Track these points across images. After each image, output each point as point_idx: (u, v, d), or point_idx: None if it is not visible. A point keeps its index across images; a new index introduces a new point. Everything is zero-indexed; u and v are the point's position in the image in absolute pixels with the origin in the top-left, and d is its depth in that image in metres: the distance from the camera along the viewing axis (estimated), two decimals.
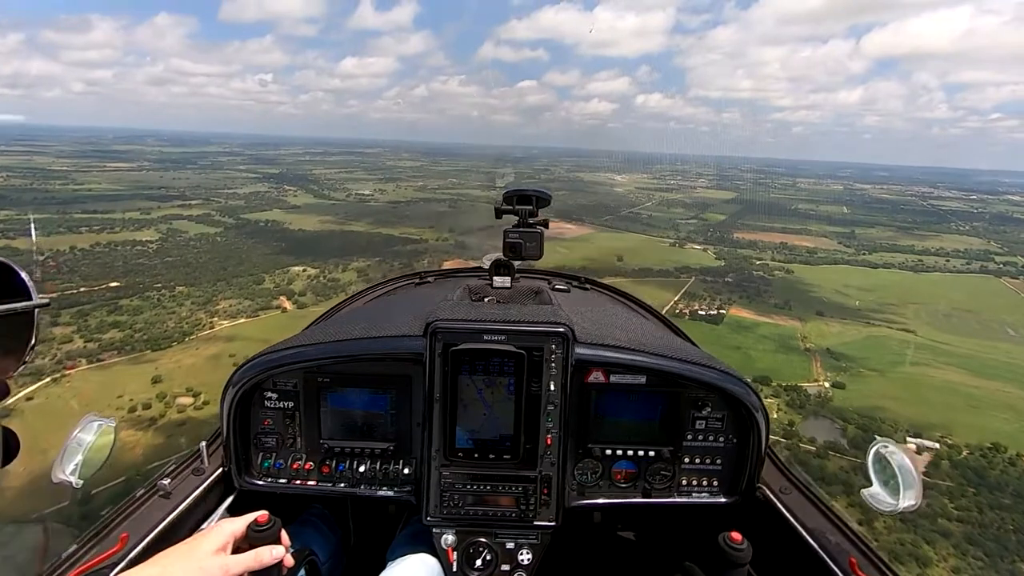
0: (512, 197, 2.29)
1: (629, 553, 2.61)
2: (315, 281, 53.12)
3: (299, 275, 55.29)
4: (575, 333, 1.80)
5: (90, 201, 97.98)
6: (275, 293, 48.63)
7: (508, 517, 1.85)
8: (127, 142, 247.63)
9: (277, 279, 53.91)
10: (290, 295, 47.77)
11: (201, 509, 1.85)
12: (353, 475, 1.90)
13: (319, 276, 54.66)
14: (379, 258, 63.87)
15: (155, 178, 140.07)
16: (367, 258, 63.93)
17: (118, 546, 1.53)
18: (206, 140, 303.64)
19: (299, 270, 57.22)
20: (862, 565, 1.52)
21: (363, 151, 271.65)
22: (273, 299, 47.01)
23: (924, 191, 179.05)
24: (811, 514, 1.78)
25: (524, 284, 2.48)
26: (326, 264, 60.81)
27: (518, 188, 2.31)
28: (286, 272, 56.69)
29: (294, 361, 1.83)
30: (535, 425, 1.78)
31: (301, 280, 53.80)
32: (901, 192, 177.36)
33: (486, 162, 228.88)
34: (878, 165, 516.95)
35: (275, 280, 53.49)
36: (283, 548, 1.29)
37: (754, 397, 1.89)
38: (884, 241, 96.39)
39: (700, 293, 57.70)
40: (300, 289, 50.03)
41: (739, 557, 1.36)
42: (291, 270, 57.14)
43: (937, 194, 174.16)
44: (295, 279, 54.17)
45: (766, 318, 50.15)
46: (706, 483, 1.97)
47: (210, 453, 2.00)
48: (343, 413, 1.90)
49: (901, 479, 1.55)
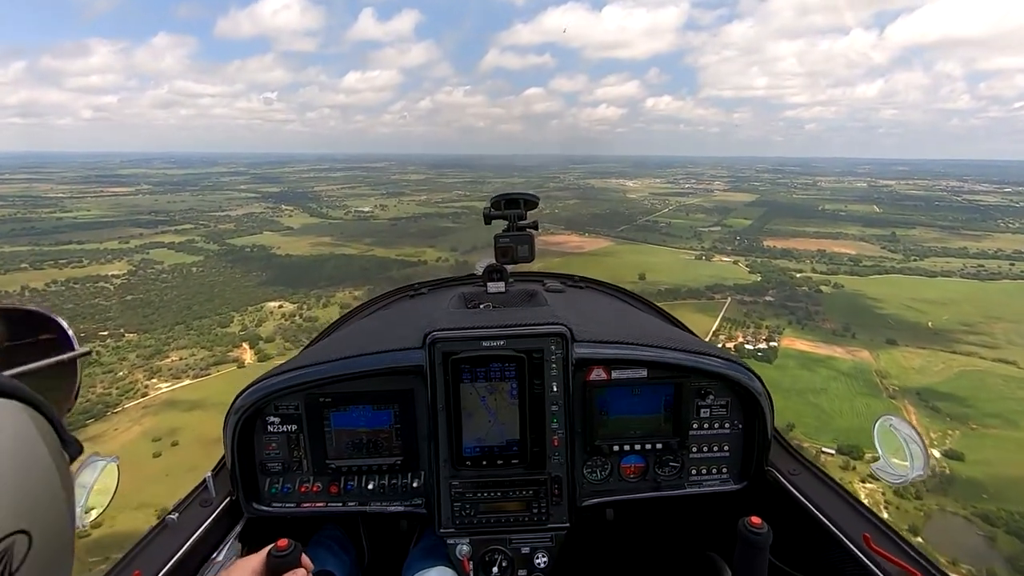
0: (500, 202, 2.28)
1: (646, 548, 2.54)
2: (289, 321, 46.03)
3: (272, 313, 48.36)
4: (573, 332, 1.80)
5: (71, 230, 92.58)
6: (239, 339, 41.43)
7: (521, 521, 1.84)
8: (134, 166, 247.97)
9: (247, 319, 46.97)
10: (254, 341, 40.47)
11: (211, 540, 1.82)
12: (363, 492, 1.89)
13: (295, 314, 47.61)
14: (369, 286, 56.45)
15: (150, 202, 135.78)
16: (355, 286, 56.70)
17: None
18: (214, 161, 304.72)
19: (275, 306, 50.28)
20: (877, 540, 1.53)
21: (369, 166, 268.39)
22: (234, 347, 39.76)
23: (953, 185, 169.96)
24: (822, 493, 1.77)
25: (519, 287, 2.47)
26: (307, 296, 53.84)
27: (505, 192, 2.29)
28: (259, 309, 49.81)
29: (294, 384, 1.82)
30: (540, 427, 1.79)
31: (274, 320, 46.88)
32: (929, 187, 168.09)
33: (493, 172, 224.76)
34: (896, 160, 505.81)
35: (244, 320, 46.57)
36: (304, 572, 1.28)
37: (757, 383, 1.87)
38: (932, 244, 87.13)
39: (740, 318, 49.43)
40: (269, 333, 42.93)
41: (760, 541, 1.36)
42: (265, 307, 50.21)
43: (968, 188, 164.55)
44: (267, 318, 47.26)
45: (827, 349, 41.77)
46: (715, 471, 1.95)
47: (216, 483, 1.93)
48: (347, 432, 1.87)
49: (909, 450, 1.58)
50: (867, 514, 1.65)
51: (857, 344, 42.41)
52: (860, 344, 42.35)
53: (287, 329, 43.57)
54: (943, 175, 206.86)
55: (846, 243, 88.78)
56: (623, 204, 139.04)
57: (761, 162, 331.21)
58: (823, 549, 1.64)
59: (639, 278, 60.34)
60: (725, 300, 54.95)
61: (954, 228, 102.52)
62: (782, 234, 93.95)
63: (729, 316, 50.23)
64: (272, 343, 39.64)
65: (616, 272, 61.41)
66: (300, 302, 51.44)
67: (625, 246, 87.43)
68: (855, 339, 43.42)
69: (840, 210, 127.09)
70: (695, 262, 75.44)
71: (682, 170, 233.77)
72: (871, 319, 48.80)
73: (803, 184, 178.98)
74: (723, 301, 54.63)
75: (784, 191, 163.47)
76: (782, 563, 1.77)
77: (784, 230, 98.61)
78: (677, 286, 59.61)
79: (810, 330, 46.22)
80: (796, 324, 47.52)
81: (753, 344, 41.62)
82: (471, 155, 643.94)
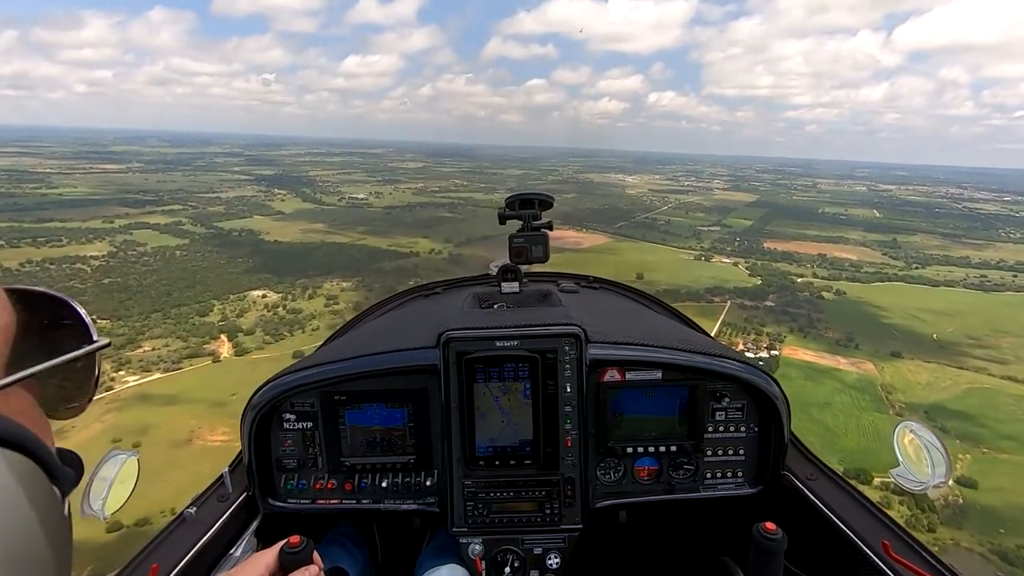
0: (515, 202, 2.28)
1: (659, 551, 2.53)
2: (272, 312, 43.94)
3: (256, 303, 46.24)
4: (587, 333, 1.80)
5: (55, 208, 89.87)
6: (218, 329, 39.40)
7: (534, 522, 1.84)
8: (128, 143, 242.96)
9: (229, 308, 44.85)
10: (233, 334, 38.43)
11: (228, 535, 1.84)
12: (376, 490, 1.91)
13: (279, 305, 45.54)
14: (358, 278, 54.54)
15: (140, 181, 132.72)
16: (344, 276, 54.72)
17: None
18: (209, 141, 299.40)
19: (258, 295, 48.15)
20: (896, 548, 1.50)
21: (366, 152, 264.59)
22: (211, 339, 37.75)
23: (952, 192, 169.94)
24: (840, 499, 1.74)
25: (533, 288, 2.46)
26: (293, 286, 51.71)
27: (520, 192, 2.29)
28: (242, 298, 47.66)
29: (310, 381, 1.84)
30: (554, 428, 1.80)
31: (256, 310, 44.73)
32: (928, 193, 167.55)
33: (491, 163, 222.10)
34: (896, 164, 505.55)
35: (225, 310, 44.45)
36: (316, 569, 1.30)
37: (775, 387, 1.85)
38: (934, 252, 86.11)
39: (740, 324, 47.90)
40: (250, 325, 40.83)
41: (774, 547, 1.36)
42: (249, 295, 48.08)
43: (968, 195, 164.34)
44: (249, 308, 45.11)
45: (830, 359, 40.32)
46: (730, 475, 1.94)
47: (233, 478, 1.95)
48: (362, 429, 1.90)
49: (930, 456, 1.57)
50: (887, 521, 1.61)
51: (861, 355, 41.03)
52: (864, 355, 40.98)
53: (268, 321, 41.56)
54: (942, 181, 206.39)
55: (847, 248, 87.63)
56: (622, 200, 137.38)
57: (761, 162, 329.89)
58: (840, 555, 1.62)
59: (636, 277, 58.70)
60: (725, 304, 53.47)
61: (956, 236, 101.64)
62: (782, 236, 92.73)
63: (729, 320, 48.75)
64: (251, 336, 37.65)
65: (614, 270, 59.79)
66: (285, 292, 49.39)
67: (624, 243, 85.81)
68: (859, 350, 42.03)
69: (840, 214, 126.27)
70: (694, 262, 73.95)
71: (682, 167, 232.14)
72: (874, 329, 47.43)
73: (803, 186, 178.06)
74: (723, 305, 53.16)
75: (784, 192, 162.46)
76: (798, 568, 1.74)
77: (784, 232, 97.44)
78: (676, 287, 58.06)
79: (812, 339, 44.79)
80: (798, 332, 46.08)
81: (754, 352, 40.14)
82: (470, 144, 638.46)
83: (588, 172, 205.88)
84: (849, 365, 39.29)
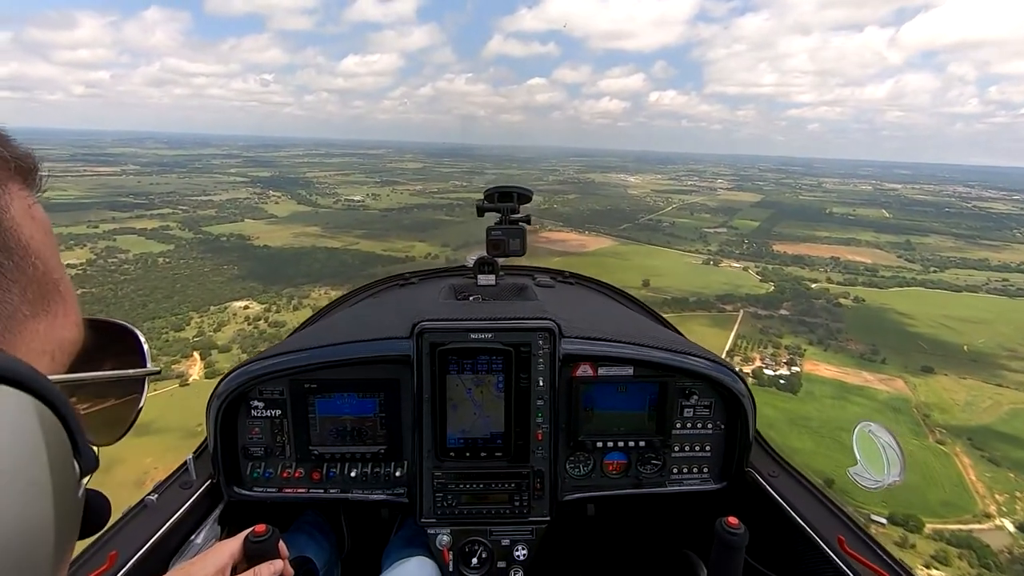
0: (493, 194, 2.26)
1: (624, 544, 2.58)
2: (252, 326, 40.94)
3: (236, 315, 43.29)
4: (561, 328, 1.81)
5: None
6: (191, 347, 36.36)
7: (502, 514, 1.86)
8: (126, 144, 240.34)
9: (207, 321, 41.89)
10: (207, 351, 35.39)
11: (190, 522, 1.81)
12: (345, 480, 1.90)
13: (261, 317, 42.56)
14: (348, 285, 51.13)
15: (133, 184, 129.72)
16: (333, 285, 51.68)
17: (107, 565, 1.51)
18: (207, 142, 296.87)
19: (240, 306, 45.20)
20: (850, 543, 1.57)
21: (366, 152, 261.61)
22: (183, 358, 34.71)
23: (960, 191, 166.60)
24: (800, 496, 1.80)
25: (509, 281, 2.45)
26: (278, 296, 48.71)
27: (499, 185, 2.28)
28: (223, 310, 44.72)
29: (279, 369, 1.82)
30: (525, 421, 1.81)
31: (236, 323, 41.77)
32: (936, 192, 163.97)
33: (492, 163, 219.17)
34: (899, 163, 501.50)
35: (203, 323, 41.48)
36: (281, 562, 1.28)
37: (741, 384, 1.90)
38: (950, 254, 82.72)
39: (755, 335, 44.79)
40: (226, 340, 37.75)
41: (736, 541, 1.39)
42: (230, 307, 45.14)
43: (976, 194, 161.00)
44: (229, 321, 42.16)
45: (855, 376, 37.20)
46: (696, 470, 1.98)
47: (197, 466, 1.93)
48: (332, 419, 1.88)
49: (886, 456, 1.62)
50: (843, 517, 1.66)
51: (890, 370, 37.93)
52: (893, 370, 37.87)
53: (247, 336, 38.53)
54: (946, 180, 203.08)
55: (860, 250, 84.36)
56: (625, 200, 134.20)
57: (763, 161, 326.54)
58: (799, 550, 1.66)
59: (643, 284, 55.63)
60: (737, 312, 50.33)
61: (970, 237, 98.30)
62: (792, 238, 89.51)
63: (743, 333, 45.62)
64: (227, 353, 34.58)
65: (620, 276, 56.67)
66: (269, 302, 46.46)
67: (628, 247, 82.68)
68: (886, 364, 38.93)
69: (849, 214, 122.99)
70: (702, 267, 70.79)
71: (684, 167, 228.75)
72: (899, 339, 44.32)
73: (808, 185, 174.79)
74: (735, 314, 50.01)
75: (789, 192, 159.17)
76: (759, 563, 1.79)
77: (794, 234, 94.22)
78: (685, 295, 54.96)
79: (834, 351, 41.68)
80: (818, 344, 42.96)
81: (773, 369, 37.02)
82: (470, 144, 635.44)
83: (589, 172, 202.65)
84: (878, 382, 36.22)
